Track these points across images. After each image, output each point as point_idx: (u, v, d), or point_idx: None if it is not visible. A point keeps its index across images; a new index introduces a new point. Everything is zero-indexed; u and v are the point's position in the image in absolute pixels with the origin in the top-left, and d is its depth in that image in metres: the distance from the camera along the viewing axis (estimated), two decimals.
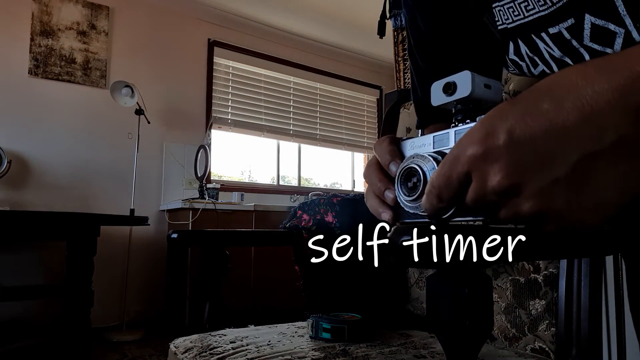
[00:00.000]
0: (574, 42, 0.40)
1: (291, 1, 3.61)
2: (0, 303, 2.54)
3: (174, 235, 1.01)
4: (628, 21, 0.37)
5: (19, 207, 2.78)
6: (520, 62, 0.48)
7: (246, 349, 0.79)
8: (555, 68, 0.44)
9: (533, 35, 0.44)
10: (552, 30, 0.41)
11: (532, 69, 0.47)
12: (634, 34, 0.36)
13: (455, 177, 0.30)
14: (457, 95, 0.37)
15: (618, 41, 0.37)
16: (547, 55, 0.44)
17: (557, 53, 0.42)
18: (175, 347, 0.87)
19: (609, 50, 0.38)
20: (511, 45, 0.47)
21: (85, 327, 2.04)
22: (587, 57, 0.40)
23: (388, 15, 2.21)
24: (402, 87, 2.38)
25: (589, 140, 0.25)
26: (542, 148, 0.26)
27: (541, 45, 0.43)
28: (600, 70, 0.25)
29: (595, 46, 0.39)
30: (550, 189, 0.27)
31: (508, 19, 0.45)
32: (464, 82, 0.36)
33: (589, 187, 0.26)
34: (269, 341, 0.84)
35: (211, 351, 0.79)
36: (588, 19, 0.39)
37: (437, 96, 0.39)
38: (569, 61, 0.42)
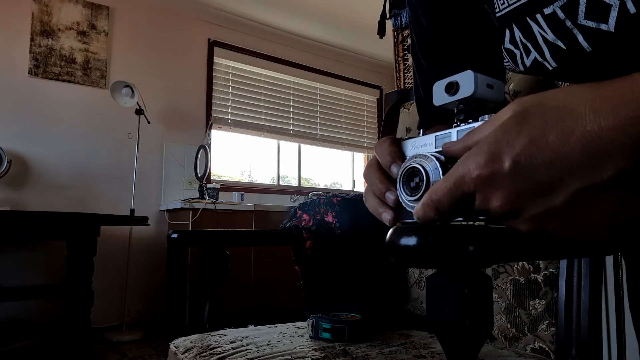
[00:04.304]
0: (568, 23, 0.41)
1: (291, 1, 3.61)
2: (0, 303, 2.54)
3: (174, 235, 1.01)
4: None
5: (19, 207, 2.77)
6: (515, 51, 0.49)
7: (246, 349, 0.79)
8: (547, 54, 0.45)
9: (528, 18, 0.45)
10: (546, 11, 0.42)
11: (525, 58, 0.48)
12: (629, 4, 0.37)
13: (460, 195, 0.31)
14: (459, 95, 0.37)
15: (613, 15, 0.38)
16: (540, 40, 0.45)
17: (550, 36, 0.43)
18: (175, 347, 0.87)
19: (603, 27, 0.39)
20: (507, 33, 0.49)
21: (85, 327, 2.04)
22: (580, 38, 0.41)
23: (388, 15, 2.21)
24: (402, 87, 2.38)
25: (589, 174, 0.27)
26: (543, 178, 0.28)
27: (535, 28, 0.44)
28: (607, 103, 0.27)
29: (590, 23, 0.40)
30: (546, 215, 0.29)
31: (504, 3, 0.47)
32: (466, 81, 0.36)
33: (583, 215, 0.29)
34: (269, 341, 0.84)
35: (211, 351, 0.79)
36: None
37: (439, 96, 0.39)
38: (561, 45, 0.43)
